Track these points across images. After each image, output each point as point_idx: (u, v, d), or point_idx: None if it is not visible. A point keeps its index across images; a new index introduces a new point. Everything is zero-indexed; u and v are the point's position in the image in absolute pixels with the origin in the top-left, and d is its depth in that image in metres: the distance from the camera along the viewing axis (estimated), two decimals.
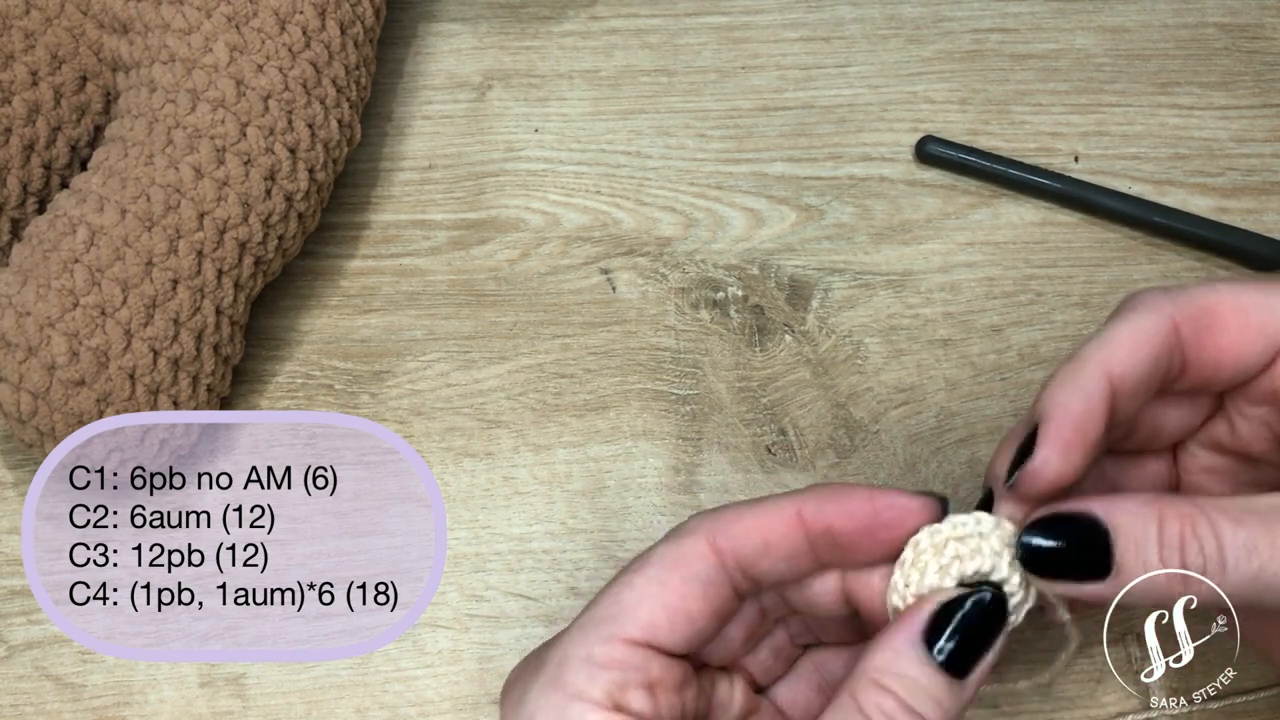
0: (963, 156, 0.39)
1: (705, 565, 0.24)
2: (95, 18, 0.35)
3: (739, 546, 0.24)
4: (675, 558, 0.24)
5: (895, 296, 0.37)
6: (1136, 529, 0.22)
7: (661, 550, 0.24)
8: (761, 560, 0.24)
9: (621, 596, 0.24)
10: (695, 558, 0.24)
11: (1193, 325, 0.25)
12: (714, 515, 0.25)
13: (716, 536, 0.24)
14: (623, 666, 0.23)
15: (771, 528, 0.24)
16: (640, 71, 0.42)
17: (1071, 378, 0.24)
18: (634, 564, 0.24)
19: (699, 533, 0.24)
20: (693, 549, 0.24)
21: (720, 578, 0.24)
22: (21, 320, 0.30)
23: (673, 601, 0.24)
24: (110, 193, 0.31)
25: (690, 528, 0.25)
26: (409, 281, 0.38)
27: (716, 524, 0.24)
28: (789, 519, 0.24)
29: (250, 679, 0.31)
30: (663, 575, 0.24)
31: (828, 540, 0.24)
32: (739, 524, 0.24)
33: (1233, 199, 0.39)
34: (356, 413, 0.35)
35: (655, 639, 0.23)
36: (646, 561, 0.24)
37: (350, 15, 0.36)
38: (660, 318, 0.37)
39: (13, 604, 0.32)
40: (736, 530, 0.24)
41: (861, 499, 0.24)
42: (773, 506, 0.24)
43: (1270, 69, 0.42)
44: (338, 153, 0.35)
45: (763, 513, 0.24)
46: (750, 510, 0.24)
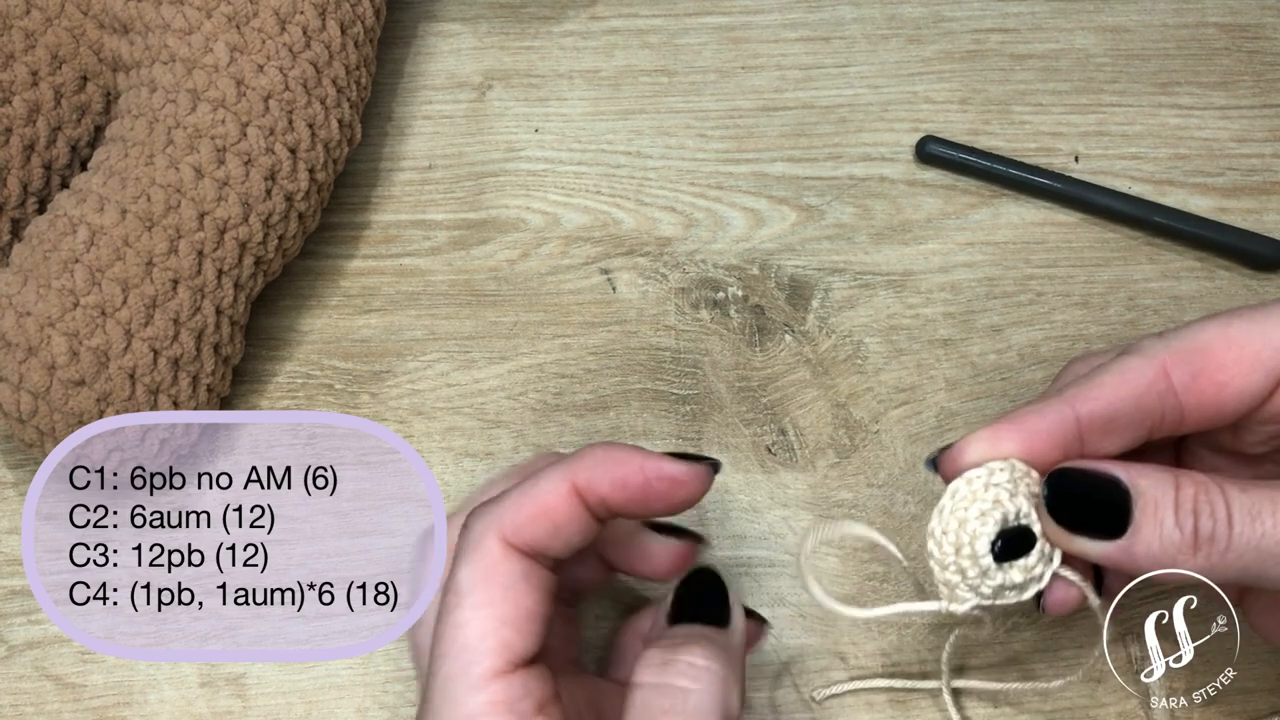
0: (963, 156, 0.39)
1: (512, 564, 0.24)
2: (95, 18, 0.35)
3: (529, 538, 0.24)
4: (482, 573, 0.24)
5: (895, 296, 0.37)
6: (1155, 491, 0.23)
7: (464, 574, 0.24)
8: (554, 542, 0.24)
9: (461, 639, 0.23)
10: (499, 562, 0.24)
11: (1186, 368, 0.25)
12: (493, 510, 0.24)
13: (505, 534, 0.24)
14: (507, 703, 0.23)
15: (554, 509, 0.24)
16: (640, 71, 0.42)
17: (1038, 402, 0.25)
18: (448, 601, 0.24)
19: (488, 536, 0.24)
20: (491, 555, 0.24)
21: (530, 568, 0.24)
22: (21, 320, 0.30)
23: (509, 612, 0.23)
24: (110, 193, 0.31)
25: (476, 536, 0.24)
26: (409, 281, 0.38)
27: (500, 520, 0.24)
28: (566, 496, 0.24)
29: (250, 679, 0.31)
30: (483, 597, 0.23)
31: (604, 509, 0.24)
32: (522, 514, 0.24)
33: (1233, 199, 0.39)
34: (356, 413, 0.35)
35: (515, 655, 0.23)
36: (458, 594, 0.24)
37: (350, 15, 0.36)
38: (660, 318, 0.37)
39: (13, 604, 0.32)
40: (521, 521, 0.24)
41: (633, 469, 0.24)
42: (547, 485, 0.24)
43: (1270, 69, 0.42)
44: (338, 153, 0.35)
45: (539, 495, 0.24)
46: (527, 496, 0.24)
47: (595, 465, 0.24)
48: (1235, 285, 0.38)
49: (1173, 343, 0.25)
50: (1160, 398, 0.25)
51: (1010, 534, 0.24)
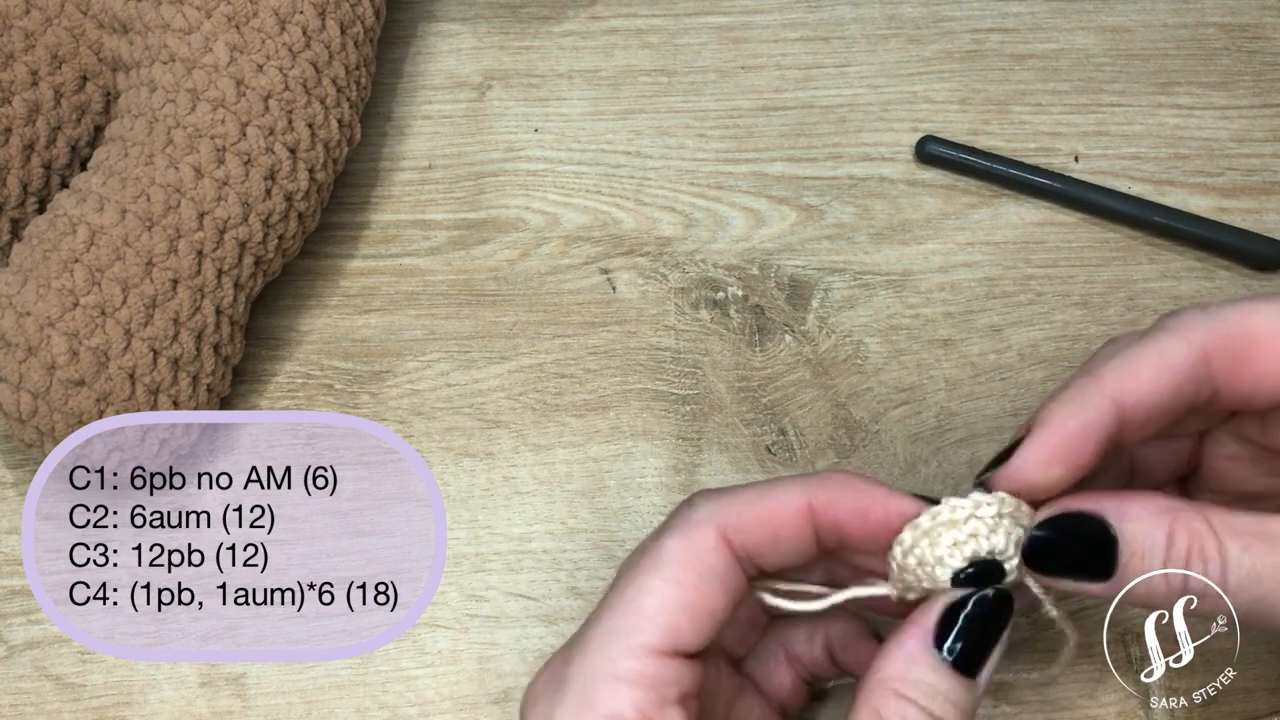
0: (963, 156, 0.39)
1: (719, 559, 0.23)
2: (95, 18, 0.35)
3: (749, 539, 0.23)
4: (688, 553, 0.23)
5: (895, 296, 0.37)
6: (1145, 541, 0.22)
7: (671, 545, 0.23)
8: (770, 552, 0.24)
9: (640, 603, 0.23)
10: (708, 552, 0.23)
11: (1228, 354, 0.24)
12: (721, 501, 0.24)
13: (727, 528, 0.23)
14: (654, 683, 0.22)
15: (782, 520, 0.23)
16: (640, 71, 0.42)
17: (1078, 395, 0.23)
18: (644, 562, 0.24)
19: (709, 524, 0.23)
20: (705, 542, 0.23)
21: (734, 570, 0.24)
22: (21, 320, 0.30)
23: (693, 601, 0.23)
24: (110, 192, 0.31)
25: (699, 518, 0.24)
26: (409, 281, 0.38)
27: (726, 513, 0.24)
28: (799, 511, 0.24)
29: (250, 679, 0.31)
30: (679, 575, 0.23)
31: (834, 535, 0.24)
32: (749, 514, 0.24)
33: (1233, 199, 0.39)
34: (356, 413, 0.35)
35: (680, 644, 0.23)
36: (658, 560, 0.23)
37: (350, 15, 0.36)
38: (660, 318, 0.37)
39: (13, 604, 0.32)
40: (747, 521, 0.23)
41: (876, 501, 0.23)
42: (783, 495, 0.24)
43: (1270, 69, 0.42)
44: (338, 153, 0.35)
45: (773, 501, 0.24)
46: (760, 499, 0.24)
47: (837, 489, 0.24)
48: (1235, 285, 0.38)
49: (1215, 323, 0.24)
50: (1198, 384, 0.24)
51: (981, 566, 0.23)
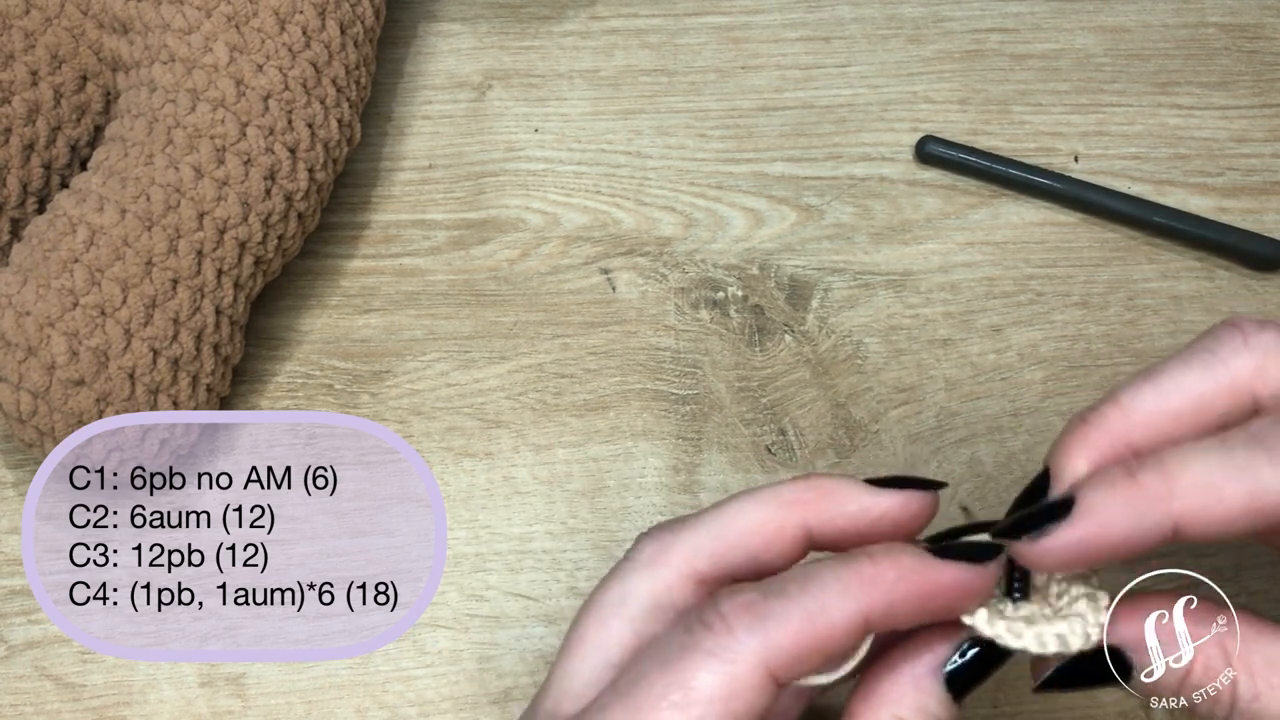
0: (963, 156, 0.39)
1: (761, 698, 0.21)
2: (95, 17, 0.35)
3: (799, 670, 0.21)
4: (728, 694, 0.20)
5: (895, 296, 0.37)
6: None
7: (709, 682, 0.20)
8: (819, 671, 0.22)
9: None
10: (751, 692, 0.20)
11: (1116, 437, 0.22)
12: (769, 629, 0.21)
13: (776, 664, 0.21)
14: None
15: (837, 643, 0.21)
16: (640, 71, 0.42)
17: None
18: (671, 692, 0.20)
19: (754, 659, 0.21)
20: (748, 682, 0.20)
21: (772, 702, 0.21)
22: (21, 320, 0.30)
23: None
24: (110, 192, 0.31)
25: (741, 652, 0.20)
26: (409, 281, 0.38)
27: (774, 646, 0.21)
28: (856, 629, 0.21)
29: (250, 679, 0.31)
30: (712, 716, 0.20)
31: (886, 630, 0.22)
32: (800, 645, 0.21)
33: (1233, 199, 0.39)
34: (356, 413, 0.35)
35: None
36: (689, 695, 0.20)
37: (350, 15, 0.36)
38: (660, 318, 0.37)
39: (13, 604, 0.32)
40: (798, 654, 0.21)
41: (938, 591, 0.21)
42: (837, 614, 0.21)
43: (1270, 69, 0.42)
44: (338, 152, 0.35)
45: (826, 623, 0.21)
46: (813, 622, 0.21)
47: (893, 588, 0.21)
48: (1235, 285, 0.38)
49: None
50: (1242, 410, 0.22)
51: None
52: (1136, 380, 0.22)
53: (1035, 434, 0.35)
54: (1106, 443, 0.22)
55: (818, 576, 0.21)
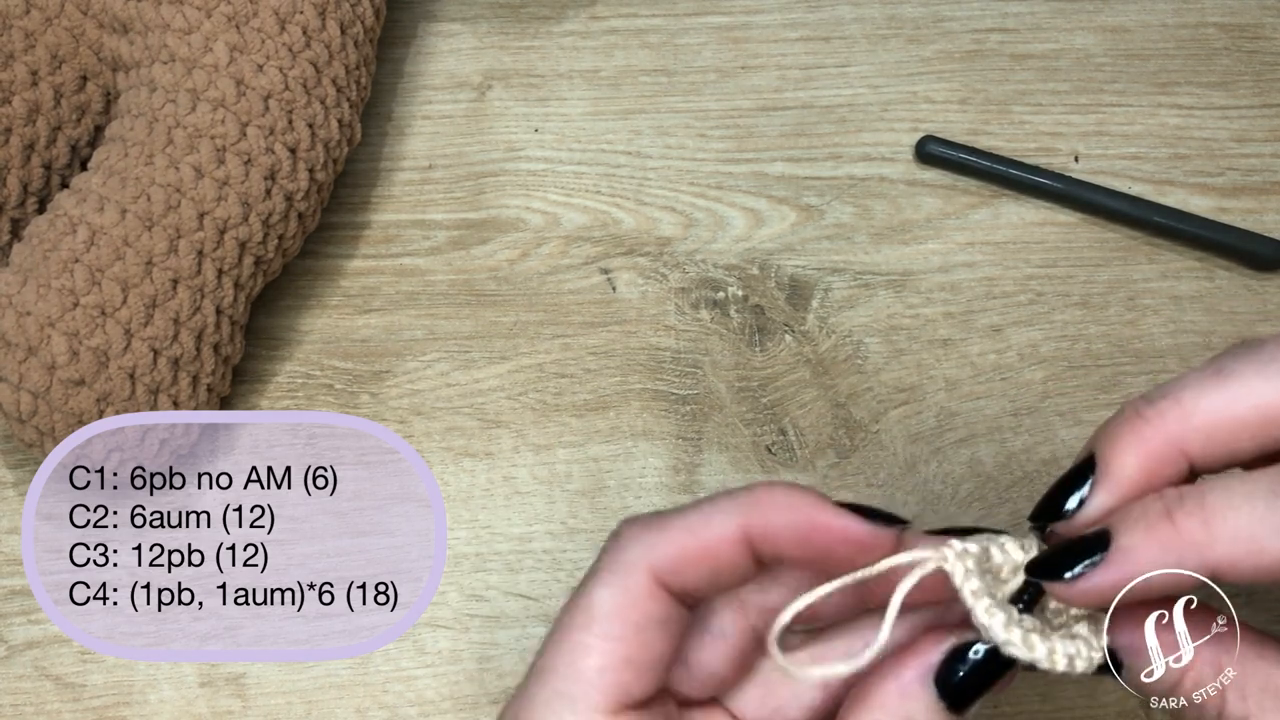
0: (963, 156, 0.39)
1: (655, 605, 0.22)
2: (95, 17, 0.35)
3: (686, 578, 0.22)
4: (622, 604, 0.22)
5: (895, 296, 0.37)
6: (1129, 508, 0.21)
7: (604, 597, 0.22)
8: (709, 586, 0.22)
9: (582, 664, 0.22)
10: (643, 599, 0.22)
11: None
12: (651, 539, 0.22)
13: (661, 570, 0.22)
14: None
15: (718, 552, 0.22)
16: (640, 71, 0.42)
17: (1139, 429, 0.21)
18: (578, 617, 0.22)
19: (641, 568, 0.22)
20: (638, 590, 0.22)
21: (673, 610, 0.22)
22: (21, 320, 0.30)
23: (634, 654, 0.22)
24: (110, 192, 0.31)
25: (629, 560, 0.22)
26: (409, 281, 0.38)
27: (658, 553, 0.22)
28: (735, 543, 0.22)
29: (250, 679, 0.31)
30: (616, 630, 0.22)
31: (774, 557, 0.22)
32: (683, 551, 0.22)
33: (1233, 199, 0.39)
34: (356, 413, 0.35)
35: (629, 697, 0.22)
36: (591, 615, 0.22)
37: (350, 15, 0.36)
38: (660, 318, 0.37)
39: (13, 604, 0.32)
40: (681, 559, 0.22)
41: (814, 528, 0.22)
42: (717, 525, 0.22)
43: (1270, 69, 0.42)
44: (338, 152, 0.35)
45: (706, 533, 0.22)
46: (691, 532, 0.22)
47: (773, 512, 0.22)
48: (1235, 285, 0.38)
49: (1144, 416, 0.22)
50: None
51: None
52: (1201, 375, 0.21)
53: (1035, 434, 0.35)
54: (1160, 442, 0.21)
55: (710, 497, 0.22)
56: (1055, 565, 0.21)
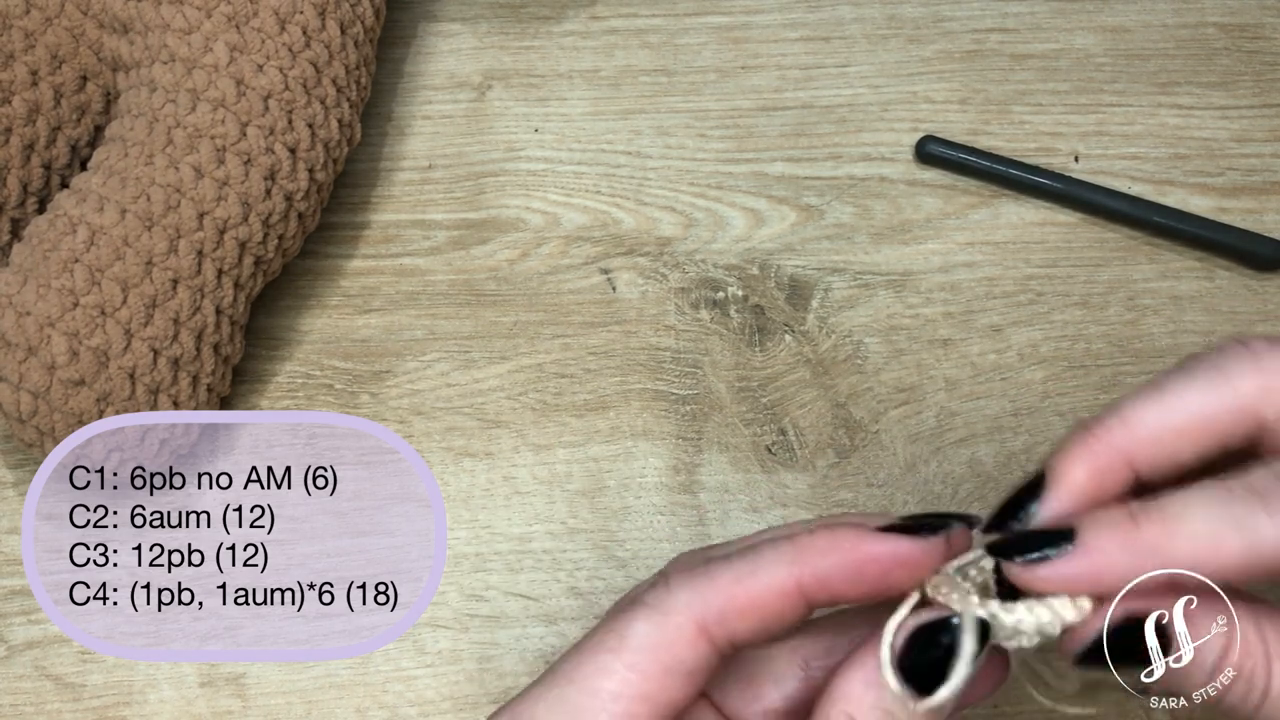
0: (963, 156, 0.39)
1: (693, 653, 0.22)
2: (95, 17, 0.35)
3: (731, 629, 0.22)
4: (658, 644, 0.21)
5: (895, 296, 0.37)
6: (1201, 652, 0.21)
7: (643, 631, 0.22)
8: (755, 636, 0.22)
9: (597, 684, 0.22)
10: (681, 646, 0.22)
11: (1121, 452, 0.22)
12: (701, 587, 0.22)
13: (708, 620, 0.22)
14: None
15: (768, 605, 0.22)
16: (640, 71, 0.42)
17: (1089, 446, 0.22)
18: (609, 639, 0.22)
19: (687, 615, 0.22)
20: (679, 634, 0.22)
21: (707, 660, 0.22)
22: (21, 320, 0.30)
23: (654, 693, 0.21)
24: (110, 192, 0.31)
25: (677, 606, 0.22)
26: (409, 281, 0.38)
27: (707, 602, 0.22)
28: (788, 594, 0.22)
29: (250, 679, 0.31)
30: (644, 664, 0.21)
31: (831, 600, 0.22)
32: (733, 604, 0.22)
33: (1233, 199, 0.39)
34: (356, 413, 0.35)
35: None
36: (625, 642, 0.22)
37: (350, 15, 0.36)
38: (660, 318, 0.37)
39: (13, 604, 0.32)
40: (731, 612, 0.22)
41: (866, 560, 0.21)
42: (769, 576, 0.22)
43: (1270, 69, 0.42)
44: (338, 152, 0.35)
45: (758, 585, 0.22)
46: (743, 583, 0.22)
47: (823, 556, 0.21)
48: (1235, 285, 0.38)
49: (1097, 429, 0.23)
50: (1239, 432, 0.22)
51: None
52: (1142, 393, 0.23)
53: (1035, 434, 0.35)
54: (1107, 454, 0.22)
55: (758, 545, 0.22)
56: (1017, 547, 0.22)
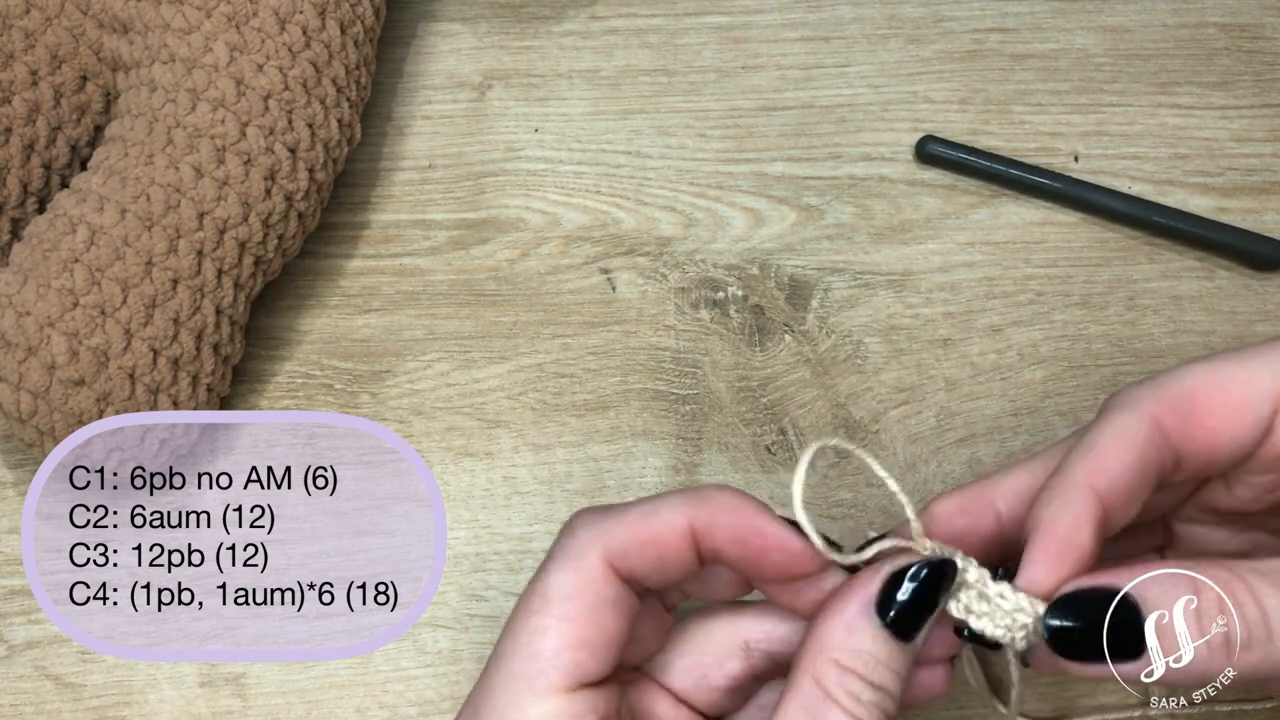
0: (963, 156, 0.39)
1: (608, 587, 0.23)
2: (95, 17, 0.35)
3: (634, 564, 0.23)
4: (576, 587, 0.23)
5: (895, 296, 0.37)
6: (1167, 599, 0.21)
7: (559, 581, 0.23)
8: (655, 574, 0.24)
9: (538, 645, 0.23)
10: (597, 582, 0.23)
11: (1176, 416, 0.24)
12: (603, 525, 0.24)
13: (611, 555, 0.23)
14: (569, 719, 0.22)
15: (666, 543, 0.23)
16: (640, 71, 0.42)
17: (1059, 494, 0.23)
18: (534, 601, 0.23)
19: (593, 552, 0.23)
20: (592, 572, 0.23)
21: (624, 593, 0.24)
22: (21, 320, 0.30)
23: (589, 633, 0.23)
24: (110, 192, 0.31)
25: (582, 545, 0.23)
26: (409, 281, 0.38)
27: (609, 538, 0.23)
28: (681, 535, 0.23)
29: (250, 679, 0.31)
30: (571, 611, 0.23)
31: (713, 555, 0.24)
32: (633, 538, 0.23)
33: (1232, 199, 0.39)
34: (356, 413, 0.35)
35: (585, 676, 0.23)
36: (547, 597, 0.23)
37: (350, 15, 0.36)
38: (660, 318, 0.37)
39: (13, 604, 0.32)
40: (631, 546, 0.23)
41: (753, 530, 0.23)
42: (666, 517, 0.23)
43: (1270, 69, 0.42)
44: (338, 152, 0.35)
45: (656, 523, 0.23)
46: (642, 521, 0.23)
47: (718, 512, 0.23)
48: (1235, 285, 0.38)
49: (1158, 392, 0.24)
50: (1159, 449, 0.24)
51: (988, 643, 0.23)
52: None
53: (1035, 434, 0.35)
54: None
55: (661, 494, 0.24)
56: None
